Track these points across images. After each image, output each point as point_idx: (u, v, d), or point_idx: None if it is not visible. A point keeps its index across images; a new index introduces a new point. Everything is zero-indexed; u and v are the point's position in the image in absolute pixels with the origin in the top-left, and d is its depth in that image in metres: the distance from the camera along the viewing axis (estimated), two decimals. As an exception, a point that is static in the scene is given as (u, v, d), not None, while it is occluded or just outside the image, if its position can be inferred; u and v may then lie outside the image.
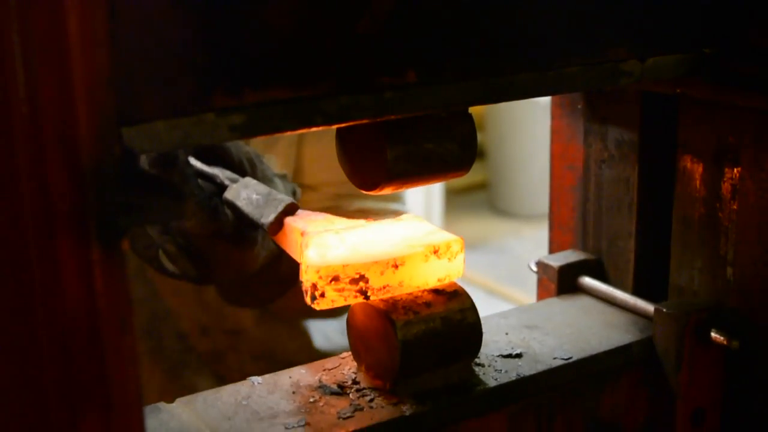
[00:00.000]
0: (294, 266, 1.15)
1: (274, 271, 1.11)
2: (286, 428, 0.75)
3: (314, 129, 0.67)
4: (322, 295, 0.78)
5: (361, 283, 0.79)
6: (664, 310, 0.91)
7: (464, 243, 0.84)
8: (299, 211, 0.89)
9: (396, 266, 0.80)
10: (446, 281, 0.83)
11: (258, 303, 1.21)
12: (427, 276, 0.82)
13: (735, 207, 0.89)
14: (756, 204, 0.88)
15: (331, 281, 0.78)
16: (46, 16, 0.50)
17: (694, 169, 0.93)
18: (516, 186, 5.20)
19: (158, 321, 1.42)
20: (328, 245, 0.81)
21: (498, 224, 5.11)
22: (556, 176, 1.09)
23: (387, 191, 0.79)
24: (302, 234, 0.83)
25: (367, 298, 0.80)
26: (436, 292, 0.82)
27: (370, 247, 0.82)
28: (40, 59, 0.50)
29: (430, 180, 0.80)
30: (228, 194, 0.95)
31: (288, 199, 0.89)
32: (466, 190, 5.43)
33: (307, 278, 0.78)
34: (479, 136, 0.82)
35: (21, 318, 0.53)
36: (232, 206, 0.94)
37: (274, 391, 0.81)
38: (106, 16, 0.52)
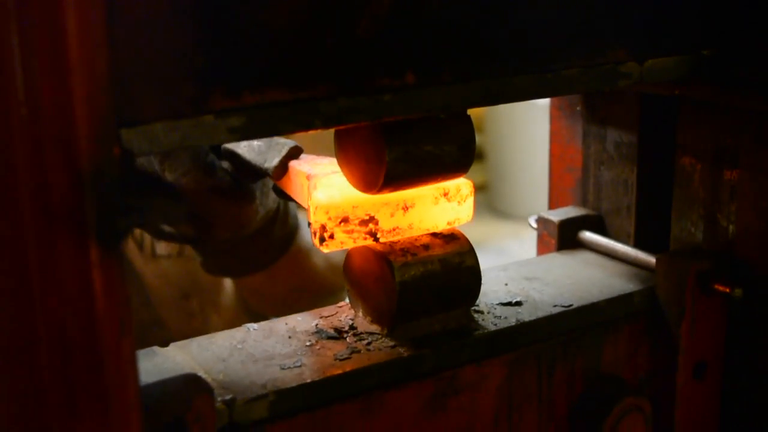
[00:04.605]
0: (285, 232, 1.14)
1: (267, 233, 1.10)
2: (282, 369, 0.75)
3: (312, 131, 0.67)
4: (332, 236, 0.77)
5: (371, 225, 0.78)
6: (666, 258, 0.90)
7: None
8: (303, 155, 0.88)
9: (406, 208, 0.79)
10: (455, 224, 0.83)
11: (244, 270, 1.20)
12: (436, 219, 0.81)
13: (734, 208, 0.89)
14: (755, 205, 0.88)
15: (340, 222, 0.77)
16: (45, 18, 0.50)
17: (694, 170, 0.93)
18: (515, 187, 5.20)
19: (146, 330, 1.41)
20: (337, 186, 0.80)
21: (497, 226, 5.11)
22: (555, 178, 1.09)
23: (386, 193, 0.79)
24: (308, 177, 0.81)
25: (376, 239, 0.79)
26: (434, 235, 0.82)
27: None
28: (39, 61, 0.50)
29: (429, 182, 0.80)
30: (227, 143, 0.94)
31: (291, 143, 0.88)
32: (466, 192, 5.42)
33: (316, 219, 0.77)
34: (478, 138, 0.82)
35: (20, 319, 0.53)
36: (233, 155, 0.92)
37: (270, 336, 0.81)
38: (105, 18, 0.52)
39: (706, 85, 0.87)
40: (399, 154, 0.75)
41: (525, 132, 4.94)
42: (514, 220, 5.08)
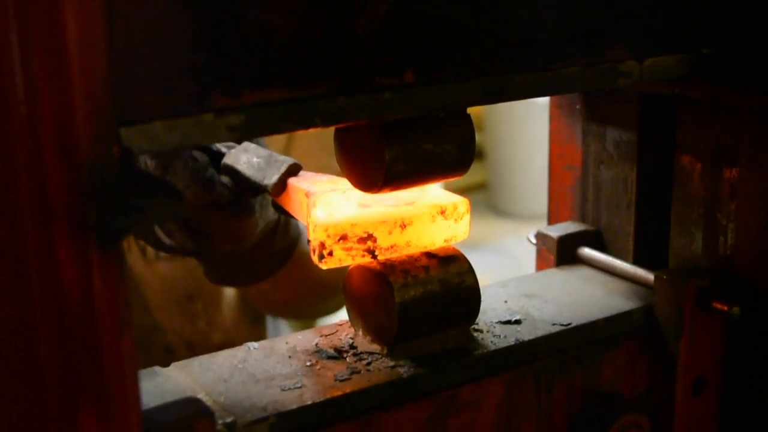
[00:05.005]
0: (287, 242, 1.15)
1: (267, 245, 1.11)
2: (282, 390, 0.75)
3: (312, 129, 0.67)
4: (330, 253, 0.78)
5: (369, 243, 0.79)
6: (665, 276, 0.90)
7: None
8: (302, 172, 0.89)
9: (403, 226, 0.80)
10: (452, 242, 0.83)
11: (247, 280, 1.20)
12: (433, 236, 0.82)
13: (733, 207, 0.89)
14: (755, 204, 0.88)
15: (339, 240, 0.78)
16: (45, 17, 0.50)
17: (693, 169, 0.93)
18: (515, 186, 5.20)
19: (146, 335, 1.41)
20: (336, 204, 0.81)
21: (497, 225, 5.11)
22: (554, 177, 1.09)
23: (386, 192, 0.79)
24: (307, 194, 0.83)
25: (374, 257, 0.80)
26: (434, 255, 0.82)
27: (377, 206, 0.82)
28: (39, 60, 0.50)
29: (429, 181, 0.80)
30: (227, 159, 0.94)
31: (290, 160, 0.89)
32: (465, 191, 5.41)
33: (315, 237, 0.78)
34: (478, 137, 0.82)
35: (20, 318, 0.53)
36: (233, 171, 0.93)
37: (270, 355, 0.81)
38: (104, 17, 0.52)
39: (706, 84, 0.87)
40: (399, 153, 0.75)
41: (524, 131, 4.94)
42: (513, 218, 5.08)
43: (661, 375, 0.92)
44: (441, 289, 0.80)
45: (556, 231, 1.04)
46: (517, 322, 0.87)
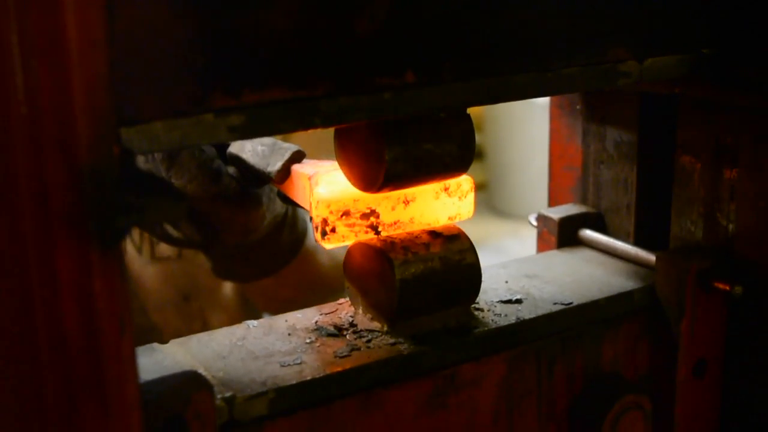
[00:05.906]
0: (294, 236, 1.15)
1: (275, 238, 1.11)
2: (282, 366, 0.75)
3: (312, 130, 0.67)
4: (333, 230, 0.78)
5: (372, 218, 0.79)
6: (666, 256, 0.90)
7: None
8: (305, 160, 0.89)
9: (407, 202, 0.80)
10: (456, 220, 0.84)
11: (254, 275, 1.20)
12: (437, 213, 0.82)
13: (733, 207, 0.89)
14: (755, 204, 0.88)
15: (341, 216, 0.78)
16: (45, 17, 0.50)
17: (693, 169, 0.93)
18: (515, 186, 5.20)
19: (144, 334, 1.41)
20: (338, 182, 0.81)
21: (497, 225, 5.10)
22: (554, 177, 1.09)
23: (386, 192, 0.79)
24: (309, 178, 0.83)
25: (378, 233, 0.80)
26: (435, 233, 0.82)
27: None
28: (39, 60, 0.50)
29: (429, 181, 0.80)
30: (232, 148, 0.94)
31: (294, 147, 0.89)
32: (465, 191, 5.41)
33: (317, 214, 0.78)
34: (478, 137, 0.82)
35: (20, 318, 0.53)
36: (238, 160, 0.93)
37: (269, 333, 0.81)
38: (105, 17, 0.52)
39: (706, 83, 0.87)
40: (398, 153, 0.75)
41: (524, 131, 4.94)
42: (513, 219, 5.08)
43: (662, 356, 0.92)
44: (442, 266, 0.80)
45: (558, 213, 1.04)
46: (518, 301, 0.87)
